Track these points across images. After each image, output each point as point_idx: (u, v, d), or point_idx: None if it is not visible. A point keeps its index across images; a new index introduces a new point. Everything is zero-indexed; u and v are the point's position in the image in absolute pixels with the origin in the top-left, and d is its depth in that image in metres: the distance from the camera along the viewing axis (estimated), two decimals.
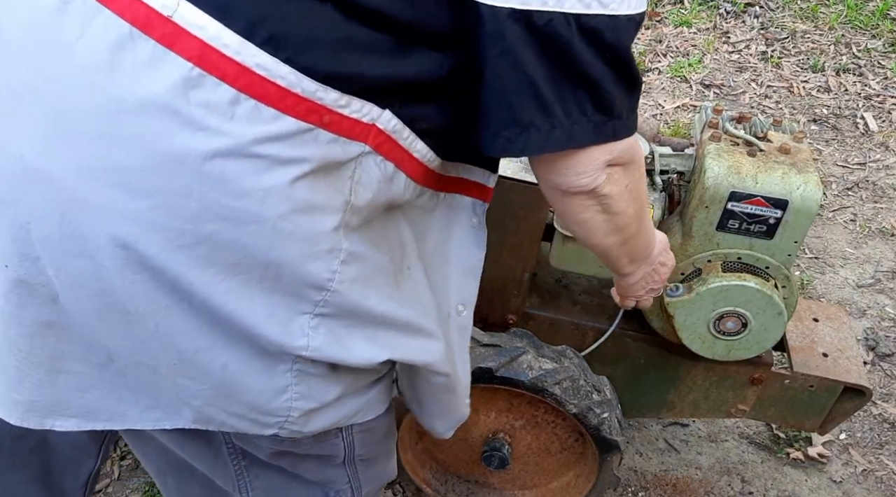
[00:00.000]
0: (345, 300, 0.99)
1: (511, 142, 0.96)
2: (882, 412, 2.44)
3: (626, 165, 1.06)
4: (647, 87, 3.91)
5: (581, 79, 0.94)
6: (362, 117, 0.93)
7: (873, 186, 3.38)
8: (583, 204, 1.08)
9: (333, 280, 0.96)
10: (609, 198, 1.07)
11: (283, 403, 1.03)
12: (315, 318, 0.98)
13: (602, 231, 1.14)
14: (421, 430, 1.91)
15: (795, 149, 1.59)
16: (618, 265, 1.32)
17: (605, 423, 1.72)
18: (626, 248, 1.24)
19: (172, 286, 0.92)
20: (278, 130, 0.89)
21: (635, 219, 1.16)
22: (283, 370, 1.01)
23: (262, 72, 0.87)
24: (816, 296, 2.83)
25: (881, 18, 4.41)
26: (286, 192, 0.90)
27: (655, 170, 1.66)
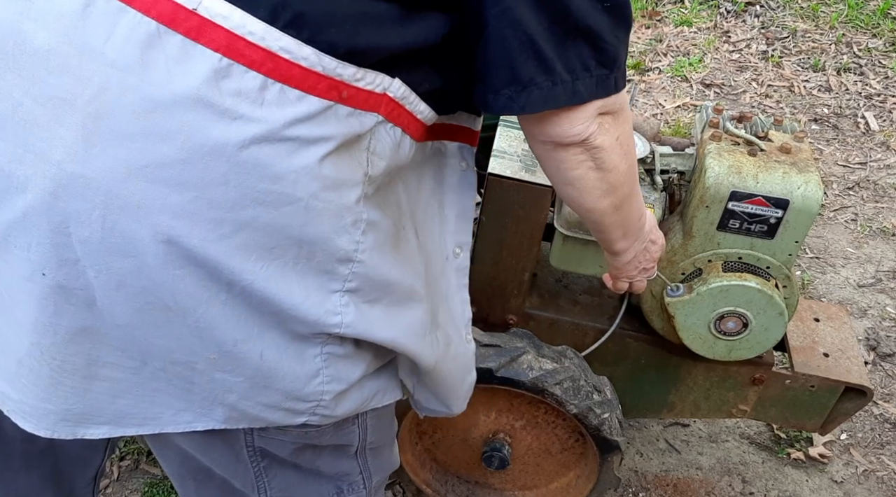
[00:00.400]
0: (367, 270, 1.01)
1: (512, 100, 0.96)
2: (883, 412, 2.43)
3: (616, 114, 1.04)
4: (648, 86, 3.91)
5: (581, 32, 0.94)
6: (375, 88, 0.95)
7: (874, 186, 3.38)
8: (575, 158, 1.05)
9: (357, 251, 0.98)
10: (601, 150, 1.05)
11: (316, 387, 1.04)
12: (345, 295, 1.00)
13: (596, 190, 1.11)
14: (421, 430, 1.91)
15: (796, 148, 1.58)
16: (611, 239, 1.29)
17: (606, 424, 1.72)
18: (620, 216, 1.20)
19: (214, 277, 0.94)
20: (305, 111, 0.90)
21: (628, 177, 1.13)
22: (313, 354, 1.03)
23: (286, 55, 0.89)
24: (817, 296, 2.83)
25: (882, 18, 4.40)
26: (315, 170, 0.92)
27: (656, 169, 1.66)
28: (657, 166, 1.66)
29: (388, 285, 1.05)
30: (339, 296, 1.00)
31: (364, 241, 0.99)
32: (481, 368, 1.66)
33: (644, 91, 3.85)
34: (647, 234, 1.36)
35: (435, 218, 1.20)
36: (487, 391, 1.77)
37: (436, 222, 1.20)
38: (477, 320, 1.81)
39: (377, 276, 1.03)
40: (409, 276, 1.09)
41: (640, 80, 3.93)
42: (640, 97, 3.78)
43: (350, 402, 1.10)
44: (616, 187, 1.12)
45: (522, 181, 1.60)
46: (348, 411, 1.11)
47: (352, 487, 1.30)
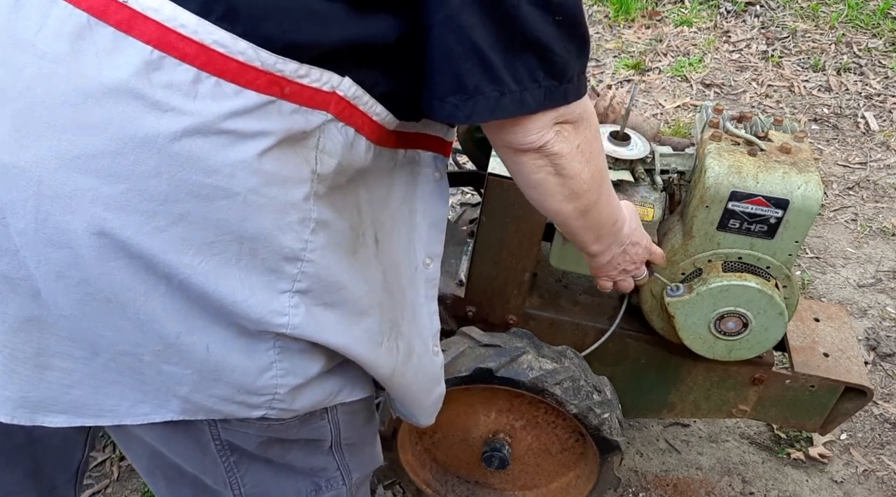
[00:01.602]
0: (318, 270, 0.99)
1: (458, 108, 0.96)
2: (883, 412, 2.43)
3: (576, 123, 1.05)
4: (648, 86, 3.91)
5: (530, 43, 0.94)
6: (322, 86, 0.94)
7: (874, 186, 3.38)
8: (534, 163, 1.06)
9: (306, 249, 0.97)
10: (560, 157, 1.05)
11: (268, 381, 1.03)
12: (295, 296, 0.99)
13: (557, 195, 1.11)
14: (421, 430, 1.91)
15: (796, 148, 1.58)
16: (584, 242, 1.29)
17: (606, 424, 1.72)
18: (588, 221, 1.20)
19: (150, 270, 0.93)
20: (242, 105, 0.89)
21: (592, 185, 1.13)
22: (265, 348, 1.02)
23: (220, 48, 0.88)
24: (817, 296, 2.82)
25: (882, 17, 4.40)
26: (254, 165, 0.91)
27: (656, 169, 1.66)
28: (657, 166, 1.66)
29: (343, 288, 1.04)
30: (288, 296, 0.98)
31: (314, 241, 0.98)
32: (481, 368, 1.66)
33: (644, 91, 3.85)
34: (625, 238, 1.34)
35: (404, 226, 1.19)
36: (487, 391, 1.77)
37: (405, 231, 1.19)
38: (477, 320, 1.81)
39: (330, 278, 1.02)
40: (364, 282, 1.08)
41: (640, 80, 3.93)
42: (641, 97, 3.78)
43: (310, 396, 1.09)
44: (579, 193, 1.12)
45: None
46: (309, 406, 1.10)
47: (330, 484, 1.28)
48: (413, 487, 1.97)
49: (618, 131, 1.64)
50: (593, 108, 1.10)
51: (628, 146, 1.63)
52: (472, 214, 2.13)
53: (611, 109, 1.74)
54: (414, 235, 1.21)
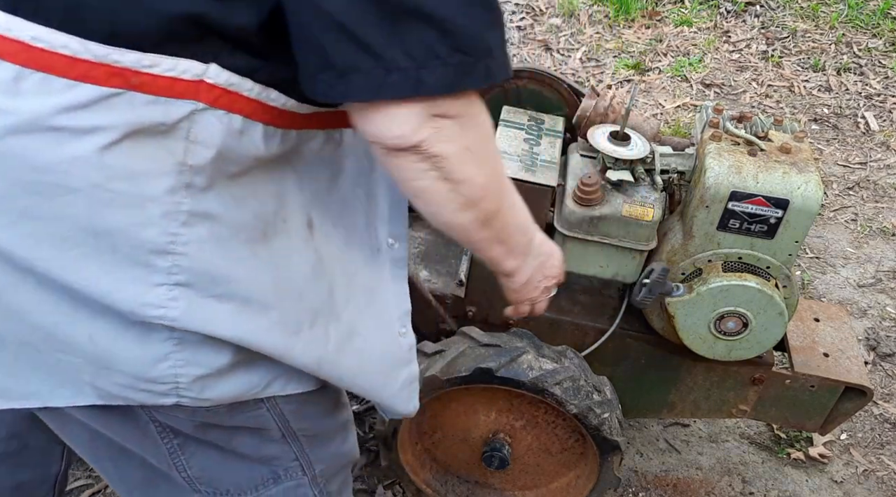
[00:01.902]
0: (196, 263, 0.96)
1: (331, 87, 0.88)
2: (883, 412, 2.43)
3: (458, 119, 0.93)
4: (648, 86, 3.91)
5: (412, 13, 0.84)
6: (181, 75, 0.89)
7: (874, 186, 3.38)
8: (415, 167, 0.94)
9: (176, 243, 0.94)
10: (444, 160, 0.93)
11: (166, 371, 1.01)
12: (174, 288, 0.96)
13: (450, 204, 0.99)
14: (421, 430, 1.91)
15: (796, 148, 1.58)
16: (495, 259, 1.17)
17: (606, 424, 1.72)
18: (493, 232, 1.09)
19: (11, 264, 0.93)
20: (75, 100, 0.86)
21: (490, 191, 1.02)
22: (160, 338, 0.99)
23: (40, 44, 0.85)
24: (817, 295, 2.83)
25: (882, 17, 4.40)
26: (94, 160, 0.88)
27: (656, 169, 1.66)
28: (657, 166, 1.66)
29: (234, 281, 0.99)
30: (165, 289, 0.95)
31: (186, 234, 0.94)
32: (482, 368, 1.66)
33: (644, 91, 3.85)
34: (538, 248, 1.23)
35: (360, 209, 1.14)
36: (487, 391, 1.77)
37: (360, 213, 1.14)
38: (477, 320, 1.81)
39: (217, 271, 0.97)
40: (272, 272, 1.03)
41: (640, 80, 3.93)
42: (641, 97, 3.78)
43: (225, 387, 1.06)
44: (475, 201, 1.01)
45: (522, 181, 1.60)
46: (228, 396, 1.07)
47: (289, 473, 1.26)
48: (413, 487, 1.97)
49: (618, 131, 1.64)
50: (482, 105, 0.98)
51: (628, 146, 1.63)
52: None
53: (611, 109, 1.74)
54: (374, 217, 1.15)
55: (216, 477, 1.23)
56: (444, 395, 1.79)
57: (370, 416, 2.27)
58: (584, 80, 3.88)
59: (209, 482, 1.24)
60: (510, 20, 4.23)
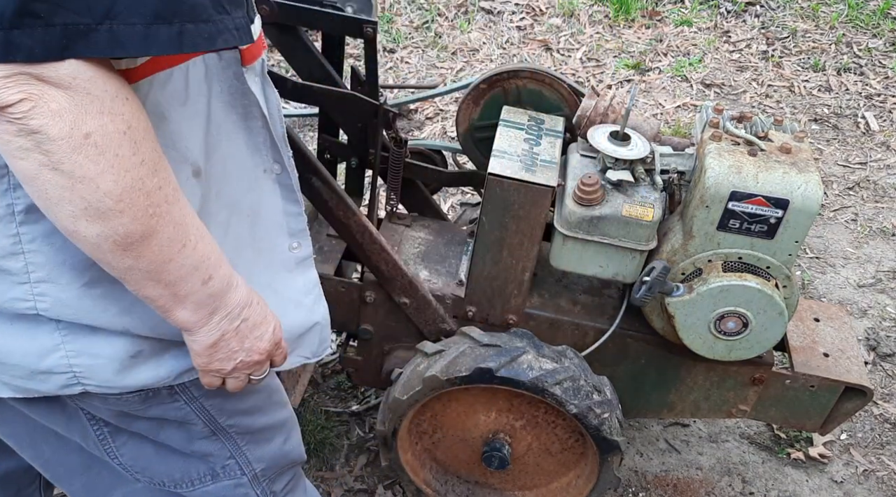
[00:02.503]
0: (49, 257, 0.93)
1: None
2: (883, 412, 2.43)
3: (70, 90, 0.75)
4: (648, 86, 3.91)
5: None
6: None
7: (874, 186, 3.38)
8: (12, 140, 0.77)
9: (21, 242, 0.91)
10: (50, 142, 0.76)
11: (58, 361, 1.01)
12: (37, 285, 0.94)
13: (64, 206, 0.81)
14: (421, 430, 1.91)
15: (796, 148, 1.58)
16: (159, 305, 0.94)
17: (606, 424, 1.72)
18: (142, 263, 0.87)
19: None
20: None
21: (135, 207, 0.82)
22: (47, 330, 0.99)
23: None
24: (817, 296, 2.82)
25: (882, 18, 4.40)
26: None
27: (656, 169, 1.66)
28: (657, 166, 1.66)
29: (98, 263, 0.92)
30: (28, 287, 0.94)
31: (27, 231, 0.91)
32: (482, 368, 1.66)
33: (644, 91, 3.85)
34: (237, 308, 0.99)
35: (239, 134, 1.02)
36: (487, 391, 1.77)
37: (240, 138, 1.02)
38: (477, 320, 1.81)
39: (72, 259, 0.92)
40: None
41: (640, 80, 3.93)
42: (641, 97, 3.78)
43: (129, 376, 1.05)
44: (103, 212, 0.82)
45: (522, 181, 1.60)
46: (131, 385, 1.06)
47: (226, 471, 1.26)
48: (413, 487, 1.97)
49: (618, 131, 1.64)
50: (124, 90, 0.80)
51: (628, 146, 1.63)
52: (472, 214, 2.13)
53: (611, 109, 1.74)
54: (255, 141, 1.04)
55: (149, 467, 1.23)
56: (445, 395, 1.79)
57: (370, 416, 2.27)
58: (585, 80, 3.88)
59: (143, 472, 1.24)
60: (511, 20, 4.23)
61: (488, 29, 4.18)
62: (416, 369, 1.75)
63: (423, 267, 1.88)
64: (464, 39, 4.07)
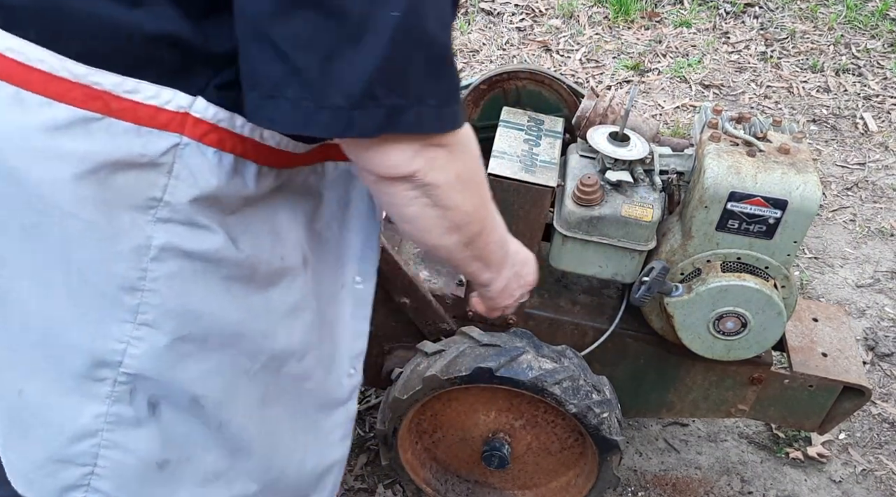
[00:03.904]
0: (165, 299, 0.91)
1: (259, 108, 0.82)
2: (881, 412, 2.44)
3: (450, 147, 0.90)
4: (647, 87, 3.91)
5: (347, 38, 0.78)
6: (164, 105, 0.84)
7: (873, 186, 3.39)
8: (406, 195, 0.91)
9: (145, 279, 0.89)
10: (436, 188, 0.91)
11: (87, 449, 0.94)
12: (139, 327, 0.91)
13: (437, 229, 0.97)
14: (421, 429, 1.92)
15: (795, 149, 1.59)
16: (473, 273, 1.14)
17: (605, 423, 1.72)
18: (474, 251, 1.07)
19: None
20: (51, 119, 0.81)
21: (477, 216, 1.01)
22: (94, 412, 0.93)
23: (15, 56, 0.80)
24: (816, 296, 2.83)
25: (880, 19, 4.41)
26: (71, 188, 0.83)
27: (655, 170, 1.67)
28: (656, 167, 1.67)
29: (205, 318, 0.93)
30: (130, 327, 0.90)
31: (155, 269, 0.89)
32: (481, 368, 1.67)
33: (643, 92, 3.86)
34: (513, 257, 1.22)
35: (331, 242, 1.10)
36: (487, 391, 1.77)
37: (331, 247, 1.10)
38: (477, 320, 1.82)
39: (185, 309, 0.92)
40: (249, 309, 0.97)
41: (639, 80, 3.94)
42: (640, 98, 3.79)
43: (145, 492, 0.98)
44: (462, 225, 0.99)
45: (522, 181, 1.60)
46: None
47: None
48: (413, 486, 1.98)
49: (617, 132, 1.65)
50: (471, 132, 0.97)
51: (627, 147, 1.64)
52: None
53: (610, 110, 1.74)
54: (344, 253, 1.11)
55: None
56: (444, 395, 1.80)
57: (370, 416, 2.27)
58: (584, 80, 3.88)
59: None
60: (510, 21, 4.24)
61: (488, 30, 4.19)
62: (416, 369, 1.75)
63: (424, 267, 1.88)
64: (463, 40, 4.07)
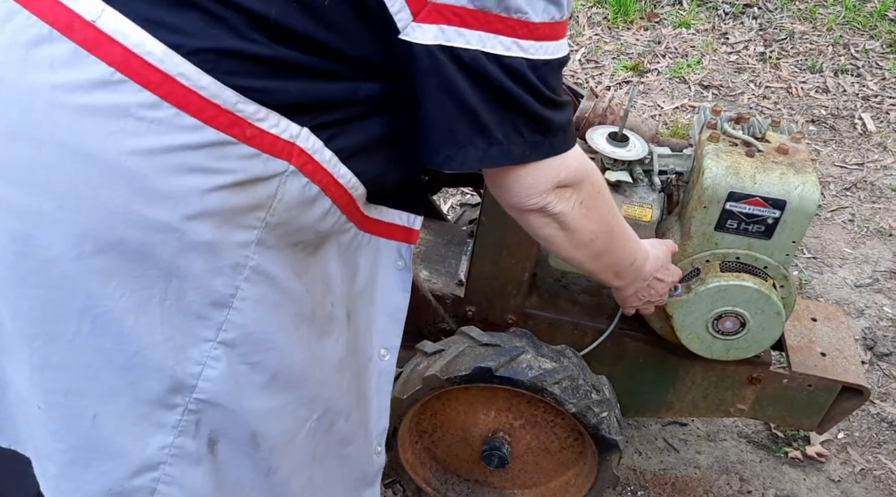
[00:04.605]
0: (247, 321, 0.96)
1: (451, 158, 1.02)
2: (880, 411, 2.45)
3: (576, 186, 1.12)
4: (646, 87, 3.92)
5: (513, 106, 1.01)
6: (281, 133, 0.93)
7: (871, 187, 3.39)
8: (539, 221, 1.14)
9: (235, 296, 0.95)
10: (563, 216, 1.13)
11: (146, 483, 0.98)
12: (218, 347, 0.95)
13: (566, 246, 1.20)
14: (421, 428, 1.92)
15: (794, 149, 1.59)
16: (602, 278, 1.37)
17: (604, 423, 1.73)
18: (602, 263, 1.29)
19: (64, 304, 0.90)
20: (199, 140, 0.88)
21: (601, 234, 1.21)
22: (159, 444, 0.97)
23: (184, 81, 0.87)
24: (815, 295, 2.84)
25: (879, 19, 4.42)
26: (198, 201, 0.89)
27: (654, 170, 1.67)
28: (655, 167, 1.67)
29: (272, 349, 0.99)
30: (210, 346, 0.95)
31: (246, 289, 0.95)
32: (481, 368, 1.67)
33: (643, 92, 3.86)
34: (647, 274, 1.42)
35: (362, 313, 1.17)
36: (487, 390, 1.78)
37: (363, 317, 1.18)
38: (477, 320, 1.82)
39: (260, 333, 0.98)
40: (309, 352, 1.04)
41: (638, 81, 3.94)
42: (639, 98, 3.79)
43: None
44: (587, 243, 1.21)
45: None
46: None
47: None
48: (413, 486, 1.98)
49: (616, 132, 1.65)
50: (594, 166, 1.17)
51: (626, 147, 1.64)
52: (472, 214, 2.14)
53: (609, 111, 1.75)
54: (371, 325, 1.19)
55: None
56: (444, 394, 1.80)
57: None
58: (583, 81, 3.89)
59: None
60: None
61: None
62: (415, 369, 1.76)
63: (423, 267, 1.89)
64: None
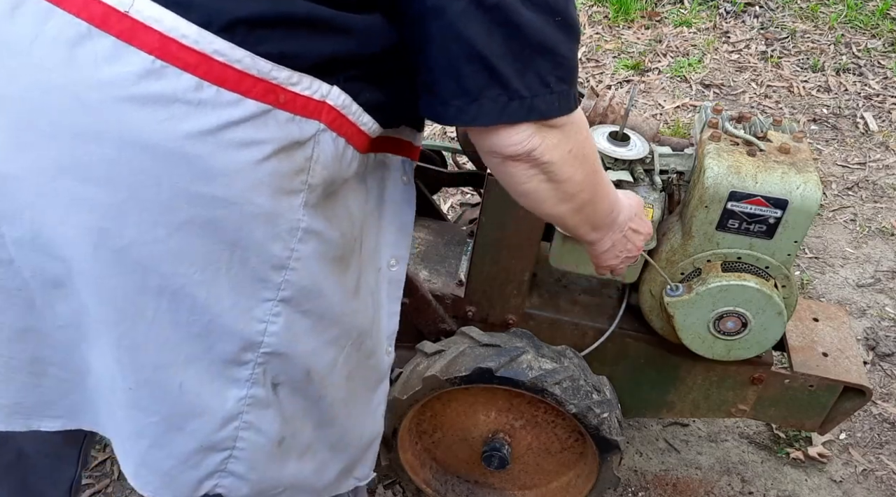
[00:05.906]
0: (301, 278, 1.00)
1: (462, 111, 0.96)
2: (882, 412, 2.44)
3: (562, 127, 1.02)
4: (647, 87, 3.91)
5: (538, 49, 0.93)
6: (313, 94, 0.94)
7: (873, 186, 3.38)
8: (525, 173, 1.04)
9: (291, 258, 0.98)
10: (552, 165, 1.03)
11: (230, 432, 1.03)
12: (278, 304, 1.00)
13: (551, 200, 1.10)
14: (421, 429, 1.92)
15: (795, 148, 1.59)
16: (579, 234, 1.27)
17: (605, 423, 1.72)
18: (582, 215, 1.19)
19: (143, 287, 0.93)
20: (241, 114, 0.90)
21: (587, 185, 1.12)
22: (236, 396, 1.02)
23: (220, 58, 0.88)
24: (816, 295, 2.83)
25: (881, 18, 4.41)
26: (251, 174, 0.91)
27: (655, 169, 1.66)
28: (656, 166, 1.66)
29: (321, 296, 1.04)
30: (271, 304, 0.99)
31: (299, 250, 0.99)
32: (481, 368, 1.66)
33: (643, 91, 3.86)
34: (623, 224, 1.32)
35: (373, 229, 1.19)
36: (487, 391, 1.77)
37: (373, 233, 1.20)
38: (477, 320, 1.82)
39: (312, 286, 1.02)
40: (342, 289, 1.09)
41: (639, 80, 3.94)
42: (640, 97, 3.79)
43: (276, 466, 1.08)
44: (573, 195, 1.11)
45: None
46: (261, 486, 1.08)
47: None
48: (413, 487, 1.98)
49: (617, 132, 1.65)
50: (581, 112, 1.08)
51: (627, 146, 1.64)
52: (472, 214, 2.14)
53: (610, 110, 1.74)
54: (381, 238, 1.21)
55: None
56: (444, 395, 1.80)
57: None
58: (584, 80, 3.88)
59: None
60: None
61: None
62: (415, 369, 1.75)
63: (423, 267, 1.88)
64: None
